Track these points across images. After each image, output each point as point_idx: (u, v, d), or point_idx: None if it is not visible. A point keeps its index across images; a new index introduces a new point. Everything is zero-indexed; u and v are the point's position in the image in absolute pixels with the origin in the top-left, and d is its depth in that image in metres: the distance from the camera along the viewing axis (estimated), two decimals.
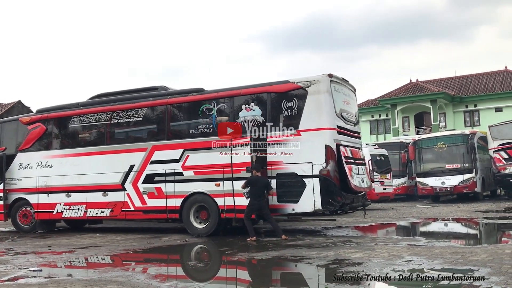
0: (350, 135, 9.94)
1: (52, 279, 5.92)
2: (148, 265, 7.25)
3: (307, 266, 6.52)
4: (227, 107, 9.89)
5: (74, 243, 9.64)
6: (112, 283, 5.51)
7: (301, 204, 9.12)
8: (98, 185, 10.81)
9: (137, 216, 10.66)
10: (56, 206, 11.33)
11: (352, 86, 10.60)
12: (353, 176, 9.49)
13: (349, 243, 8.26)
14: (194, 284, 5.91)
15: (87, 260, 7.71)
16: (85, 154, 11.15)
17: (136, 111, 10.74)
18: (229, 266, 7.23)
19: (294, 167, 9.14)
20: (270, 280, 6.07)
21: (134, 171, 10.44)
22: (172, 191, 10.02)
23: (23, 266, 6.94)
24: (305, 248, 7.88)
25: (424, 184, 19.73)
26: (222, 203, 9.53)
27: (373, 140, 35.73)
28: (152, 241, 9.47)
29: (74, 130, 11.66)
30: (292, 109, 9.35)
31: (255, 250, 7.95)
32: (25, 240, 10.33)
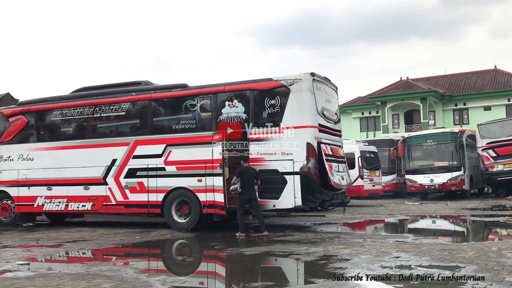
0: (331, 133, 10.45)
1: (40, 273, 6.11)
2: (137, 259, 7.52)
3: (295, 261, 6.71)
4: (210, 103, 10.31)
5: (63, 236, 9.91)
6: (100, 277, 5.70)
7: (282, 200, 9.62)
8: (80, 179, 11.19)
9: (119, 211, 11.08)
10: (37, 199, 11.67)
11: (334, 85, 11.11)
12: (333, 174, 10.00)
13: (337, 239, 8.55)
14: (183, 278, 6.15)
15: (76, 254, 7.97)
16: (67, 148, 11.50)
17: (119, 106, 11.11)
18: (217, 261, 7.46)
19: (276, 163, 9.63)
20: (257, 275, 6.26)
21: (116, 165, 10.84)
22: (154, 186, 10.44)
23: (10, 259, 7.17)
24: (294, 243, 8.17)
25: (413, 181, 20.49)
26: (203, 198, 9.98)
27: (363, 137, 36.60)
28: (141, 236, 9.76)
29: (56, 123, 11.98)
30: (274, 107, 9.81)
31: (244, 246, 8.25)
32: (12, 233, 10.61)
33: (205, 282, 6.17)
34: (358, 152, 18.38)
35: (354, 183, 17.77)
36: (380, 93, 39.30)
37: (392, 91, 38.32)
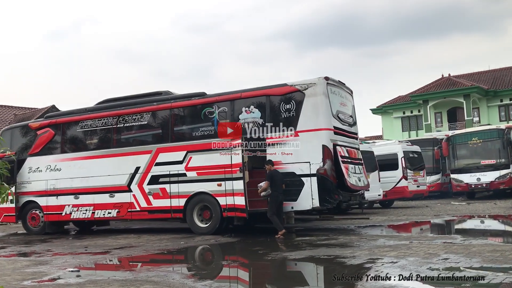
0: (346, 136, 11.63)
1: (90, 279, 6.69)
2: (182, 265, 8.20)
3: (340, 265, 7.03)
4: (228, 110, 11.71)
5: (110, 243, 10.98)
6: (148, 283, 6.19)
7: (300, 202, 10.80)
8: (105, 187, 12.75)
9: (143, 216, 12.58)
10: (65, 208, 13.33)
11: (349, 89, 12.33)
12: (349, 175, 11.18)
13: (383, 242, 9.00)
14: (228, 284, 6.58)
15: (123, 260, 8.76)
16: (92, 157, 13.12)
17: (141, 115, 12.67)
18: (262, 266, 7.86)
19: (293, 166, 10.84)
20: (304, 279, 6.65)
21: (140, 172, 12.34)
22: (176, 192, 11.88)
23: (61, 266, 7.95)
24: (339, 247, 8.63)
25: (459, 181, 21.43)
26: (224, 202, 11.31)
27: (405, 137, 37.49)
28: (185, 241, 10.70)
29: (81, 134, 13.66)
30: (290, 111, 11.10)
31: (288, 250, 8.81)
32: (62, 241, 11.92)
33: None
34: (401, 152, 19.46)
35: (398, 184, 19.14)
36: (421, 91, 40.13)
37: (434, 89, 39.06)
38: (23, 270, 7.61)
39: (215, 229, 11.48)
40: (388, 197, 19.00)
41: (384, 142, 23.15)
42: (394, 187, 19.06)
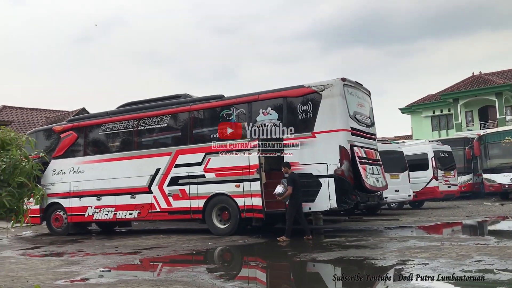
0: (364, 136, 12.02)
1: (120, 279, 6.98)
2: (211, 265, 8.48)
3: (371, 266, 7.19)
4: (245, 112, 12.26)
5: (139, 244, 11.46)
6: (177, 283, 6.44)
7: (317, 203, 11.23)
8: (127, 188, 13.42)
9: (163, 217, 13.22)
10: (88, 209, 14.08)
11: (367, 90, 12.72)
12: (367, 176, 11.58)
13: (413, 243, 9.16)
14: (258, 285, 6.70)
15: (153, 261, 9.12)
16: (114, 160, 13.83)
17: (161, 118, 13.32)
18: (291, 267, 8.07)
19: (310, 167, 11.28)
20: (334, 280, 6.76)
21: (160, 174, 12.98)
22: (195, 193, 12.46)
23: (92, 266, 8.31)
24: (368, 248, 8.80)
25: (491, 181, 21.60)
26: (242, 203, 11.82)
27: (435, 136, 37.66)
28: (213, 242, 11.09)
29: (103, 137, 14.39)
30: (307, 112, 11.57)
31: (317, 251, 8.97)
32: (92, 242, 12.55)
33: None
34: (432, 152, 19.73)
35: (429, 185, 19.37)
36: (451, 89, 40.07)
37: (464, 87, 38.95)
38: (56, 269, 8.07)
39: (234, 230, 11.99)
40: (418, 197, 19.25)
41: (413, 142, 23.32)
42: (424, 188, 19.29)
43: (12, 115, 31.94)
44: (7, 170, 4.18)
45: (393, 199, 17.45)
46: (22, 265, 8.64)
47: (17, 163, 4.29)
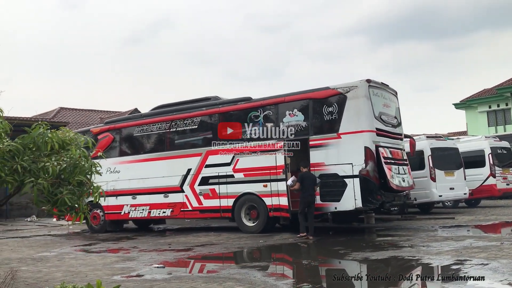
0: (390, 137, 12.51)
1: (175, 275, 7.36)
2: (262, 263, 8.79)
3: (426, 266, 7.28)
4: (272, 114, 12.84)
5: (191, 241, 12.18)
6: (230, 280, 6.74)
7: (343, 203, 11.88)
8: (160, 188, 14.49)
9: (195, 215, 14.15)
10: (124, 208, 15.12)
11: (393, 90, 13.13)
12: (393, 176, 11.98)
13: (470, 243, 9.23)
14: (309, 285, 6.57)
15: (205, 257, 9.58)
16: (147, 160, 14.82)
17: (192, 120, 14.13)
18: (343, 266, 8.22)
19: (336, 168, 11.90)
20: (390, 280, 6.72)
21: (191, 174, 13.89)
22: (224, 192, 13.28)
23: (147, 262, 8.80)
24: (423, 247, 9.00)
25: None
26: (269, 202, 12.62)
27: (491, 132, 37.20)
28: (264, 240, 11.66)
29: (138, 138, 15.45)
30: (332, 114, 12.05)
31: (370, 250, 9.21)
32: (146, 239, 13.39)
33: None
34: (489, 148, 19.68)
35: (486, 182, 19.37)
36: (509, 83, 39.32)
37: None
38: (113, 265, 8.62)
39: (262, 228, 12.91)
40: (475, 195, 19.39)
41: (469, 138, 23.08)
42: (481, 185, 19.31)
43: (69, 116, 34.19)
44: (67, 169, 4.59)
45: (448, 197, 17.74)
46: (81, 261, 9.40)
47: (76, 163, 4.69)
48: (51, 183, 4.38)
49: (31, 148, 4.56)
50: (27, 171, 4.30)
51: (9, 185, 4.35)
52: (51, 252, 11.04)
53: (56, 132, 4.82)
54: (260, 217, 12.87)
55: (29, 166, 4.29)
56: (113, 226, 15.97)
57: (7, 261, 9.50)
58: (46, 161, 4.42)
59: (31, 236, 15.69)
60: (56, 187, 4.50)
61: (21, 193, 4.49)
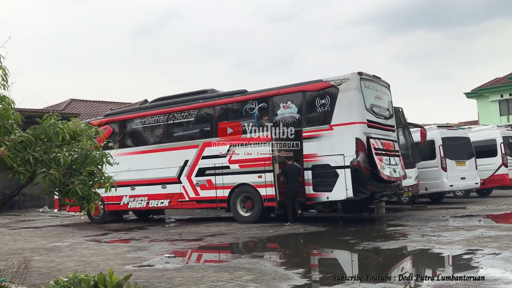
0: (381, 128, 12.97)
1: (186, 265, 7.60)
2: (273, 252, 9.10)
3: (438, 256, 7.40)
4: (267, 106, 13.37)
5: (202, 231, 12.45)
6: (241, 270, 6.87)
7: (335, 193, 12.37)
8: (158, 179, 14.98)
9: (192, 206, 14.70)
10: (123, 199, 15.67)
11: (385, 82, 13.64)
12: (383, 167, 12.51)
13: (482, 232, 9.35)
14: (320, 275, 6.82)
15: (216, 247, 9.85)
16: (146, 152, 15.36)
17: (189, 112, 14.67)
18: (354, 255, 8.33)
19: (328, 159, 12.41)
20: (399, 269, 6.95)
21: (188, 165, 14.41)
22: (220, 183, 13.83)
23: (158, 252, 9.03)
24: (434, 237, 9.13)
25: None
26: (264, 193, 13.12)
27: (503, 121, 37.08)
28: (274, 230, 11.91)
29: (136, 130, 15.95)
30: (325, 106, 12.59)
31: (380, 240, 9.36)
32: (157, 229, 13.61)
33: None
34: (500, 138, 19.71)
35: (497, 172, 19.50)
36: None
37: None
38: (124, 255, 8.86)
39: (257, 218, 13.35)
40: (486, 185, 19.52)
41: (480, 127, 23.19)
42: (492, 175, 19.44)
43: (79, 108, 34.54)
44: (79, 160, 4.71)
45: (459, 187, 17.96)
46: (93, 251, 9.70)
47: (88, 153, 4.82)
48: (62, 173, 4.58)
49: (42, 139, 4.74)
50: (39, 161, 4.51)
51: (21, 176, 4.54)
52: (63, 242, 11.37)
53: (67, 123, 4.98)
54: (255, 207, 13.29)
55: (41, 156, 4.51)
56: (113, 216, 16.36)
57: (20, 251, 9.84)
58: (58, 152, 4.63)
59: (43, 226, 16.13)
60: (67, 178, 4.70)
61: (33, 184, 4.63)
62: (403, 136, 16.30)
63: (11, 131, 4.75)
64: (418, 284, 5.56)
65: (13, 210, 24.49)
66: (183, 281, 6.25)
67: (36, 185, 4.81)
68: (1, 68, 4.90)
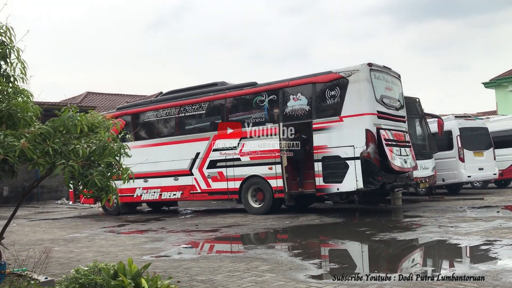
0: (392, 119, 12.95)
1: (202, 256, 7.65)
2: (289, 243, 9.08)
3: (455, 247, 7.40)
4: (277, 98, 13.41)
5: (218, 222, 12.50)
6: (257, 260, 6.92)
7: (345, 184, 12.38)
8: (170, 171, 15.08)
9: (203, 197, 14.79)
10: (136, 191, 15.80)
11: (396, 73, 13.60)
12: (393, 157, 12.51)
13: (500, 223, 9.25)
14: (336, 265, 6.74)
15: (232, 238, 9.84)
16: (158, 144, 15.47)
17: (200, 105, 14.75)
18: (371, 247, 8.25)
19: (338, 150, 12.42)
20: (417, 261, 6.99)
21: (200, 158, 14.49)
22: (232, 175, 13.90)
23: (175, 243, 9.08)
24: (451, 228, 9.05)
25: None
26: (274, 184, 13.19)
27: None
28: (290, 221, 11.90)
29: (148, 123, 16.06)
30: (335, 97, 12.61)
31: (397, 231, 9.34)
32: (174, 220, 13.75)
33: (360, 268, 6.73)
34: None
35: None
36: None
37: None
38: (142, 246, 8.94)
39: (267, 209, 13.41)
40: (505, 176, 19.41)
41: (499, 117, 22.95)
42: (511, 166, 19.31)
43: (95, 101, 34.75)
44: (97, 151, 4.70)
45: (476, 178, 17.81)
46: (111, 241, 9.78)
47: (106, 145, 4.82)
48: (81, 164, 4.60)
49: (61, 131, 4.78)
50: (58, 153, 4.54)
51: (41, 168, 4.56)
52: (82, 233, 11.47)
53: (85, 115, 5.00)
54: (266, 198, 13.34)
55: (60, 148, 4.55)
56: (127, 208, 16.44)
57: (40, 242, 9.93)
58: (76, 143, 4.66)
59: (62, 218, 16.33)
60: (86, 169, 4.74)
61: (52, 175, 4.74)
62: (420, 126, 16.29)
63: (30, 123, 4.83)
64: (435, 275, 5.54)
65: (32, 202, 24.84)
66: (200, 271, 6.30)
67: (55, 177, 4.88)
68: (20, 62, 5.01)
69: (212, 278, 5.90)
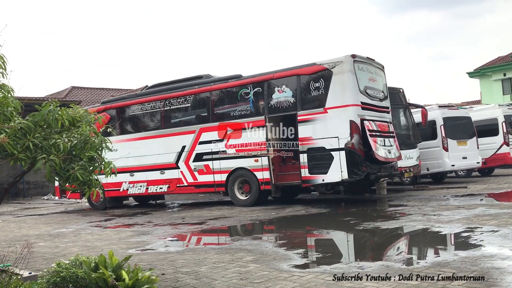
0: (376, 110, 13.02)
1: (188, 248, 7.72)
2: (274, 234, 9.13)
3: (437, 234, 7.49)
4: (262, 91, 13.42)
5: (205, 215, 12.51)
6: (242, 251, 6.99)
7: (330, 175, 12.46)
8: (156, 165, 15.06)
9: (190, 191, 14.78)
10: (122, 185, 15.75)
11: (380, 64, 13.67)
12: (378, 148, 12.61)
13: (482, 211, 9.39)
14: (320, 254, 6.92)
15: (218, 230, 9.91)
16: (144, 138, 15.43)
17: (185, 98, 14.72)
18: (354, 236, 8.38)
19: (322, 141, 12.49)
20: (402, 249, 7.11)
21: (186, 151, 14.48)
22: (218, 167, 13.91)
23: (161, 236, 9.13)
24: (434, 216, 9.19)
25: None
26: (261, 176, 13.23)
27: (506, 100, 36.97)
28: (276, 212, 11.99)
29: (133, 117, 16.00)
30: (319, 89, 12.66)
31: (380, 220, 9.45)
32: (161, 214, 13.72)
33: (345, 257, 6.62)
34: (502, 116, 19.63)
35: (499, 151, 19.41)
36: None
37: None
38: (128, 239, 8.94)
39: (254, 201, 13.47)
40: (488, 164, 19.60)
41: (482, 106, 23.18)
42: (494, 154, 19.45)
43: (80, 95, 34.45)
44: (78, 145, 4.68)
45: (460, 167, 18.03)
46: (97, 236, 9.78)
47: (87, 139, 4.79)
48: (62, 159, 4.59)
49: (42, 126, 4.74)
50: (39, 148, 4.53)
51: (23, 163, 4.57)
52: (68, 228, 11.45)
53: (66, 109, 4.97)
54: (252, 190, 13.38)
55: (40, 143, 4.53)
56: (113, 202, 16.43)
57: (25, 238, 9.90)
58: (57, 138, 4.63)
59: (48, 213, 16.22)
60: (68, 163, 4.72)
61: (34, 169, 4.70)
62: (404, 116, 16.41)
63: (10, 118, 4.77)
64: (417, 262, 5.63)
65: (18, 198, 24.68)
66: (185, 263, 6.33)
67: (39, 172, 4.87)
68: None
69: (196, 269, 5.92)
